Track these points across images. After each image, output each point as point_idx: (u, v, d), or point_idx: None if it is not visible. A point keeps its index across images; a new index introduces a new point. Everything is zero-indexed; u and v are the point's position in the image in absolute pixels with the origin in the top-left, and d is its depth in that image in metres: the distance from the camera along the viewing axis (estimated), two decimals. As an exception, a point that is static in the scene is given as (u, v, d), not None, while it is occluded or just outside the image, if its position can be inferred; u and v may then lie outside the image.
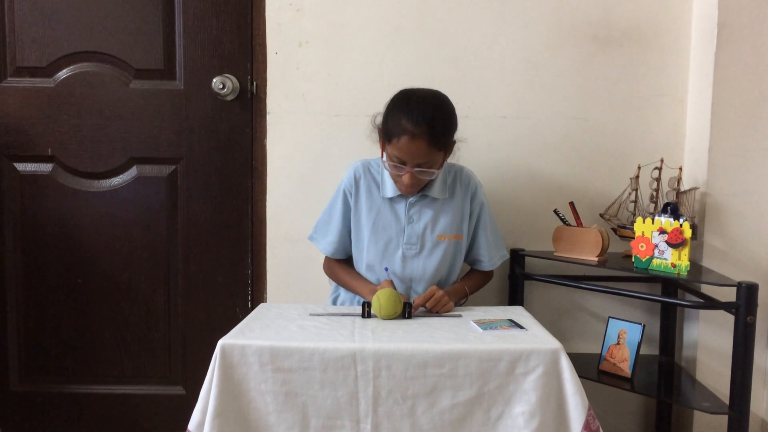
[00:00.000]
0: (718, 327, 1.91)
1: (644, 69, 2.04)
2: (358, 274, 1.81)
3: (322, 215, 1.85)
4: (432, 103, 1.64)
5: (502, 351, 1.35)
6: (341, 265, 1.85)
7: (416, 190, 1.71)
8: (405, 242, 1.74)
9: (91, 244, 2.12)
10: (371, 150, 1.81)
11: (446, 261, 1.77)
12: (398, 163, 1.63)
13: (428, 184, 1.74)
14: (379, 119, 1.69)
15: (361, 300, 1.70)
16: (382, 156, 1.70)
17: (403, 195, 1.74)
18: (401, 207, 1.75)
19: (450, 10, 2.03)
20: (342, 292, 1.86)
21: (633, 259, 1.74)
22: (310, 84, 2.05)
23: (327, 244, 1.83)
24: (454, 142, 1.72)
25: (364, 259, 1.78)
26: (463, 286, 1.80)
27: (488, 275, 1.90)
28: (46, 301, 2.13)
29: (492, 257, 1.84)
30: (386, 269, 1.73)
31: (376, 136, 1.72)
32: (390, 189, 1.75)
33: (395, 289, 1.65)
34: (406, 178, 1.64)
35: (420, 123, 1.57)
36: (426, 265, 1.75)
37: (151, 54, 2.07)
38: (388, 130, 1.64)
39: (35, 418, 2.16)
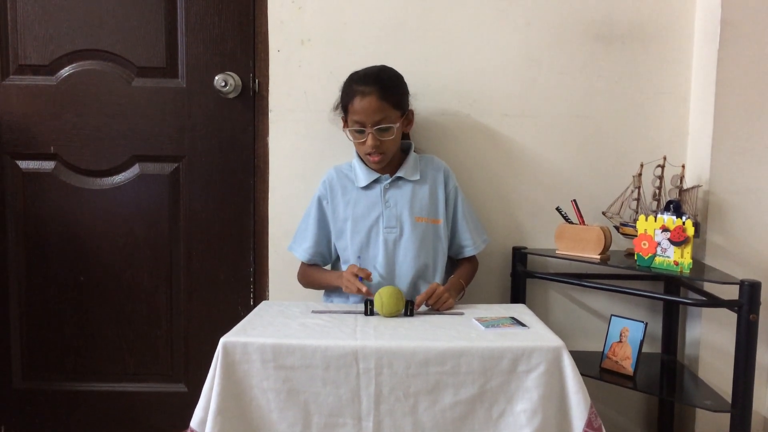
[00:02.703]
0: (720, 325, 1.91)
1: (647, 67, 2.04)
2: (326, 270, 1.89)
3: (299, 226, 1.92)
4: (377, 67, 1.82)
5: (504, 349, 1.35)
6: (317, 269, 1.91)
7: (384, 158, 1.78)
8: (385, 226, 1.78)
9: (94, 242, 2.12)
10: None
11: (427, 245, 1.80)
12: (359, 128, 1.74)
13: (399, 166, 1.81)
14: (337, 101, 1.84)
15: (357, 298, 1.72)
16: (345, 127, 1.81)
17: (378, 180, 1.81)
18: (377, 193, 1.81)
19: (452, 8, 2.03)
20: (335, 294, 1.87)
21: (635, 257, 1.74)
22: (313, 82, 2.05)
23: (303, 250, 1.88)
24: (411, 112, 1.85)
25: (349, 252, 1.81)
26: (458, 280, 1.82)
27: (476, 262, 1.93)
28: (49, 298, 2.13)
29: (475, 240, 1.87)
30: (359, 257, 1.78)
31: (338, 116, 1.84)
32: (362, 178, 1.82)
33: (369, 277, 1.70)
34: (369, 140, 1.73)
35: (367, 81, 1.74)
36: (407, 249, 1.78)
37: (154, 52, 2.07)
38: (343, 102, 1.79)
39: (37, 416, 2.17)
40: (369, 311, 1.59)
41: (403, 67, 2.01)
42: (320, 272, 1.89)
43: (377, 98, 1.71)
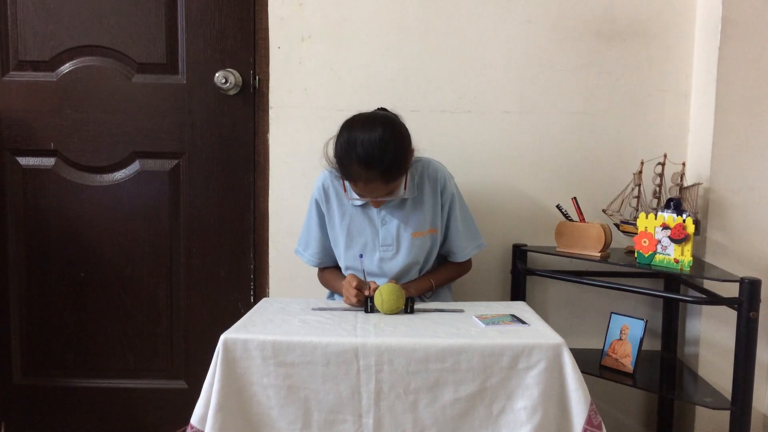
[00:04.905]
0: (720, 322, 1.91)
1: (648, 64, 2.04)
2: (338, 276, 1.83)
3: (302, 229, 1.87)
4: (379, 139, 1.55)
5: (504, 346, 1.35)
6: (332, 272, 1.87)
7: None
8: (381, 244, 1.75)
9: (94, 239, 2.12)
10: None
11: (421, 254, 1.78)
12: (361, 196, 1.65)
13: None
14: (331, 152, 1.64)
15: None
16: (344, 189, 1.69)
17: None
18: (372, 210, 1.76)
19: (453, 5, 2.03)
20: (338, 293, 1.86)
21: (636, 255, 1.74)
22: (313, 78, 2.05)
23: (310, 256, 1.86)
24: (412, 152, 1.67)
25: (342, 263, 1.81)
26: (428, 279, 1.80)
27: (464, 266, 1.89)
28: (49, 294, 2.14)
29: (465, 248, 1.83)
30: (360, 256, 1.72)
31: (333, 167, 1.67)
32: (358, 196, 1.73)
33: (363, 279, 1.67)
34: (372, 203, 1.70)
35: (371, 166, 1.55)
36: (402, 263, 1.75)
37: (154, 48, 2.07)
38: (343, 172, 1.62)
39: (37, 412, 2.17)
40: (369, 308, 1.59)
41: (403, 64, 2.02)
42: (333, 279, 1.84)
43: (382, 182, 1.58)
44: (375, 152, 1.54)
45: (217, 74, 2.03)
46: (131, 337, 2.15)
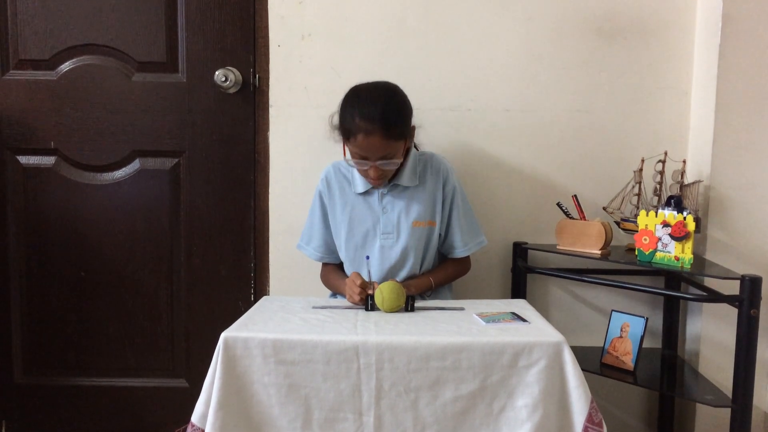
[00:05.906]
0: (721, 320, 1.91)
1: (648, 61, 2.03)
2: (340, 275, 1.84)
3: (305, 223, 1.89)
4: (382, 96, 1.67)
5: (504, 344, 1.35)
6: (334, 272, 1.88)
7: (384, 181, 1.75)
8: (382, 232, 1.77)
9: (94, 237, 2.12)
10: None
11: (421, 247, 1.78)
12: (361, 159, 1.67)
13: (398, 173, 1.76)
14: (336, 119, 1.73)
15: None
16: (344, 155, 1.74)
17: (375, 187, 1.77)
18: (374, 199, 1.78)
19: (453, 3, 2.02)
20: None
21: (636, 252, 1.74)
22: (313, 77, 2.05)
23: (313, 250, 1.87)
24: (413, 128, 1.76)
25: (344, 254, 1.81)
26: (428, 278, 1.80)
27: (464, 265, 1.90)
28: (50, 293, 2.14)
29: (466, 243, 1.83)
30: (367, 257, 1.74)
31: (337, 135, 1.74)
32: (360, 184, 1.78)
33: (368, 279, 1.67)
34: (371, 172, 1.69)
35: (372, 119, 1.62)
36: (403, 253, 1.76)
37: (154, 47, 2.06)
38: (344, 130, 1.68)
39: (38, 411, 2.17)
40: (370, 306, 1.59)
41: (403, 63, 2.02)
42: (335, 278, 1.85)
43: (382, 137, 1.62)
44: (377, 106, 1.63)
45: (217, 72, 2.03)
46: (132, 335, 2.15)
